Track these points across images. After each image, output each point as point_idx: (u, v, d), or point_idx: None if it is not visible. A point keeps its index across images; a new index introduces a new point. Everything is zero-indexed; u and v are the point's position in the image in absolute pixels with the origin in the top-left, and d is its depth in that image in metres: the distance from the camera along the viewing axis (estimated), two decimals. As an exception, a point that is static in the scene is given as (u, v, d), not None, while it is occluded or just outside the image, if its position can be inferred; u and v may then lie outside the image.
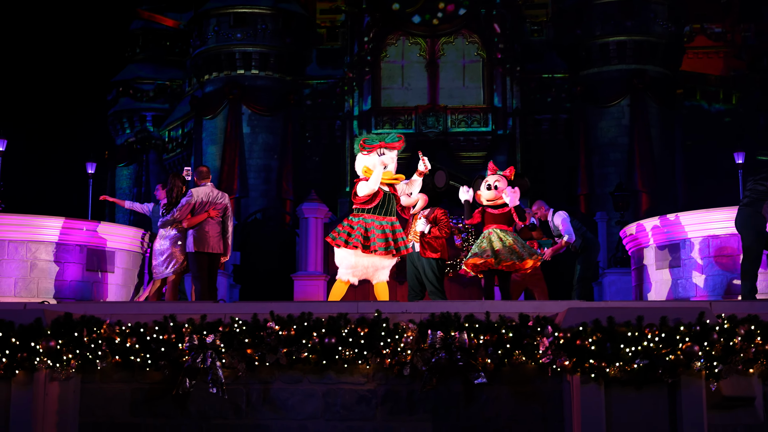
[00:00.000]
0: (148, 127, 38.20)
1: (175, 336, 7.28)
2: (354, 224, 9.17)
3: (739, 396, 6.94)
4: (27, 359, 7.07)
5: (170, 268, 10.86)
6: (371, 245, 9.08)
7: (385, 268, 9.36)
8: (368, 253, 9.10)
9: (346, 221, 9.30)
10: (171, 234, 10.88)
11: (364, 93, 32.81)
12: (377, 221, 9.18)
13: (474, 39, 33.19)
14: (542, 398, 7.24)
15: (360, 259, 9.16)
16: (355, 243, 9.09)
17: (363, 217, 9.19)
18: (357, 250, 9.09)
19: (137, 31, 39.79)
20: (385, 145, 9.42)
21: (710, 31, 37.58)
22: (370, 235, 9.11)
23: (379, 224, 9.17)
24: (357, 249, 9.08)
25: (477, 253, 9.81)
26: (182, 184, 11.10)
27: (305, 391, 7.43)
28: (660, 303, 8.48)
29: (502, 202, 9.95)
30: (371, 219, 9.19)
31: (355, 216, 9.27)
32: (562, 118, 32.99)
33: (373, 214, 9.22)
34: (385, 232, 9.16)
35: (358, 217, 9.22)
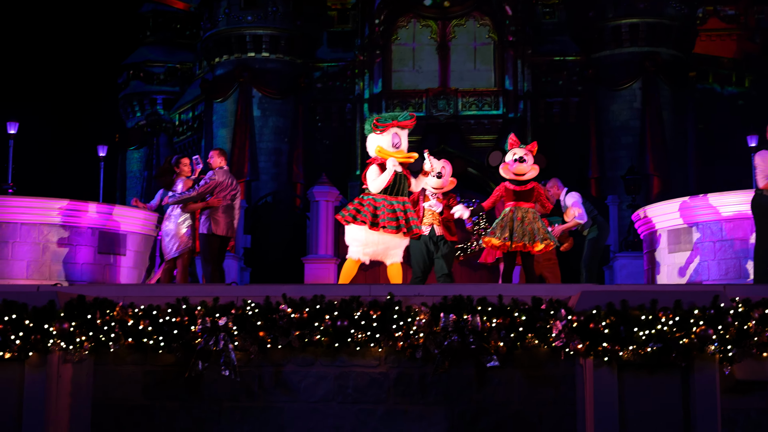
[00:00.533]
0: (158, 110, 38.21)
1: (188, 318, 7.30)
2: (364, 202, 9.23)
3: (752, 380, 6.92)
4: (40, 341, 7.10)
5: (175, 249, 10.90)
6: (380, 222, 9.12)
7: (398, 248, 9.39)
8: (377, 230, 9.14)
9: (357, 200, 9.36)
10: (176, 213, 10.93)
11: (374, 76, 32.72)
12: (387, 200, 9.23)
13: (485, 21, 33.02)
14: (555, 382, 7.23)
15: (370, 235, 9.20)
16: (363, 219, 9.13)
17: (373, 197, 9.24)
18: (365, 227, 9.13)
19: (148, 13, 39.73)
20: (398, 123, 9.45)
21: (723, 13, 37.24)
22: (379, 213, 9.16)
23: (389, 203, 9.21)
24: (365, 225, 9.12)
25: (497, 235, 9.73)
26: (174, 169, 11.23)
27: (317, 373, 7.45)
28: (674, 286, 8.45)
29: (525, 179, 9.89)
30: (381, 198, 9.23)
31: (366, 195, 9.32)
32: (573, 101, 32.82)
33: (384, 194, 9.25)
34: (396, 211, 9.23)
35: (368, 196, 9.26)
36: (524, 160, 9.85)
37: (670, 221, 12.04)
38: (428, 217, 10.04)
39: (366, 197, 9.30)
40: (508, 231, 9.68)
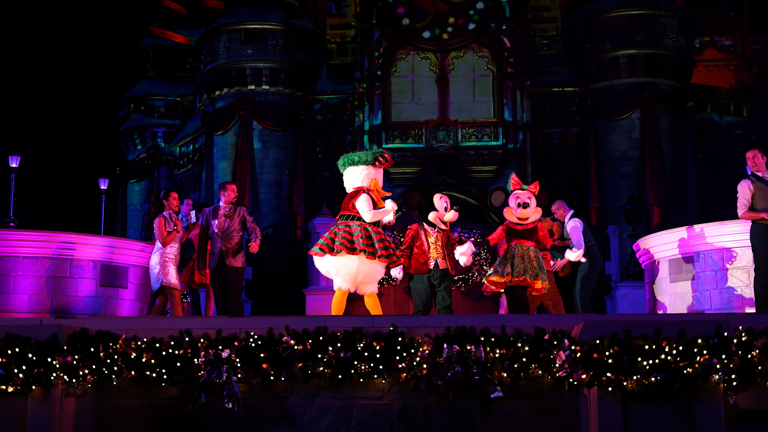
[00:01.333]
0: (159, 143, 38.36)
1: (191, 351, 7.29)
2: (352, 231, 9.22)
3: (757, 409, 6.90)
4: (43, 374, 7.09)
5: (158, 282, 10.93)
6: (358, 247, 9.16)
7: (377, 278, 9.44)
8: (372, 259, 9.15)
9: (338, 230, 9.33)
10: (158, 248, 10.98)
11: (374, 108, 32.88)
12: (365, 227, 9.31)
13: (484, 53, 33.25)
14: (559, 412, 7.20)
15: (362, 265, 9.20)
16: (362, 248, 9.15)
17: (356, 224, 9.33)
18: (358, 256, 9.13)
19: (148, 47, 40.01)
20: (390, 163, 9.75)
21: (720, 44, 37.54)
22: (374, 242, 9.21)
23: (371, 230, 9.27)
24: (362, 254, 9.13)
25: (499, 272, 9.89)
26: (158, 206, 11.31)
27: (321, 405, 7.42)
28: (677, 316, 8.44)
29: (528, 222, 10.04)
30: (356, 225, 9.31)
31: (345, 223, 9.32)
32: (572, 132, 32.96)
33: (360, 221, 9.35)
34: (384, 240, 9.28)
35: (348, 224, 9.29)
36: (528, 205, 10.01)
37: (670, 251, 12.06)
38: (433, 251, 10.11)
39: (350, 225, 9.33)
40: (510, 266, 9.80)
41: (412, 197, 10.44)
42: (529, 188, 10.24)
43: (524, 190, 10.18)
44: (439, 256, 10.10)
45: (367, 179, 9.59)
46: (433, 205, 10.19)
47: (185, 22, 38.66)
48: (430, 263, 10.03)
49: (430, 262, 10.04)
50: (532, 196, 10.11)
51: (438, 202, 10.16)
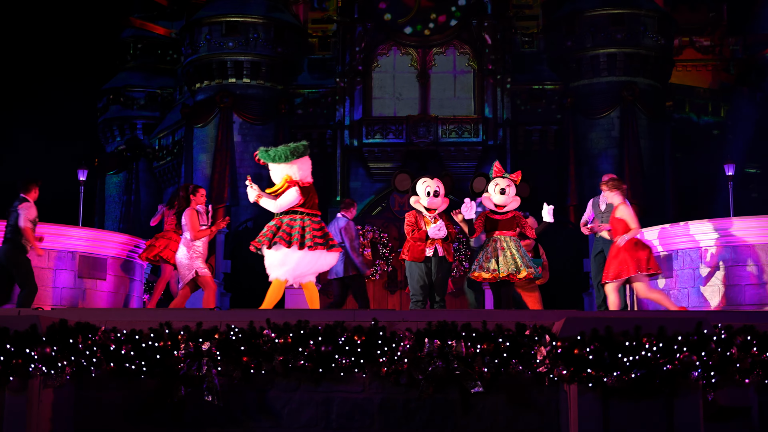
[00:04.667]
0: (138, 135, 38.11)
1: (171, 343, 7.25)
2: (285, 224, 9.16)
3: (735, 406, 6.96)
4: (21, 366, 7.02)
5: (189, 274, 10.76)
6: (304, 242, 9.10)
7: (314, 268, 9.34)
8: (304, 249, 9.10)
9: (281, 223, 9.20)
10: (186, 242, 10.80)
11: (355, 102, 32.85)
12: (312, 219, 9.27)
13: (465, 50, 33.29)
14: (539, 407, 7.23)
15: (305, 256, 9.13)
16: (296, 240, 9.09)
17: (300, 217, 9.21)
18: (298, 249, 9.08)
19: (128, 39, 39.71)
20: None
21: (699, 44, 37.79)
22: (305, 233, 9.17)
23: (306, 221, 9.22)
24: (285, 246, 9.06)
25: (484, 268, 9.75)
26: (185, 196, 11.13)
27: (301, 399, 7.41)
28: (657, 313, 8.50)
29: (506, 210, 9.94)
30: (289, 218, 9.23)
31: (289, 216, 9.23)
32: (552, 129, 33.09)
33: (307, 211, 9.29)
34: (320, 230, 9.25)
35: (293, 217, 9.21)
36: (505, 191, 9.92)
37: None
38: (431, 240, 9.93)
39: (292, 218, 9.22)
40: (495, 262, 9.72)
41: (401, 181, 10.30)
42: (511, 176, 10.16)
43: (505, 177, 10.09)
44: (438, 243, 9.91)
45: (295, 174, 9.44)
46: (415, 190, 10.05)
47: (166, 14, 38.43)
48: (427, 251, 9.85)
49: (428, 249, 9.86)
50: (512, 184, 9.99)
51: (419, 187, 10.01)
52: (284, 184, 9.26)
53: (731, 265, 10.73)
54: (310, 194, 9.35)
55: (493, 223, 9.92)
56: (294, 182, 9.25)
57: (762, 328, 6.98)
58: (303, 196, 9.26)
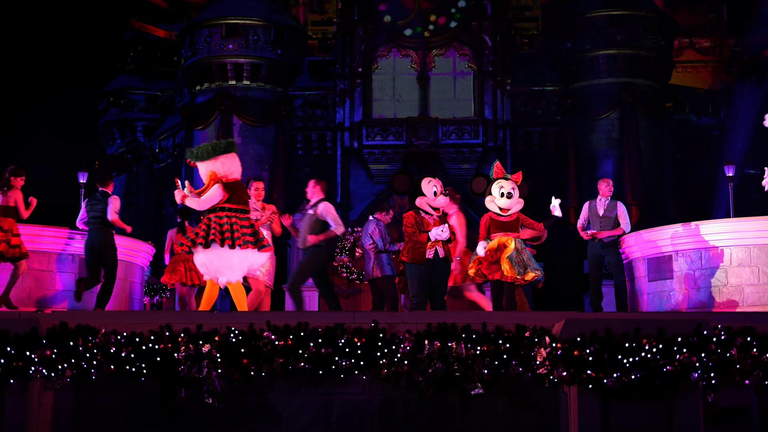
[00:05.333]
0: (138, 138, 38.13)
1: (171, 345, 7.25)
2: (222, 222, 8.98)
3: (735, 407, 6.96)
4: (22, 368, 7.03)
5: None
6: (224, 239, 8.95)
7: (237, 266, 9.11)
8: (223, 247, 8.89)
9: (209, 222, 9.03)
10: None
11: (355, 104, 32.87)
12: (240, 216, 9.11)
13: (465, 52, 33.32)
14: (539, 409, 7.23)
15: (234, 255, 8.96)
16: (211, 239, 8.91)
17: (227, 214, 9.04)
18: (229, 248, 8.90)
19: (129, 41, 39.74)
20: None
21: (698, 45, 37.81)
22: (223, 231, 8.98)
23: (225, 219, 9.04)
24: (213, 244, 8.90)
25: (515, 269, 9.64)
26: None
27: (301, 401, 7.41)
28: (657, 314, 8.50)
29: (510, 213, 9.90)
30: (234, 216, 9.08)
31: (215, 214, 9.05)
32: (552, 131, 33.10)
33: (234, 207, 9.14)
34: (247, 227, 9.09)
35: (219, 215, 9.04)
36: (512, 196, 9.87)
37: (649, 250, 12.14)
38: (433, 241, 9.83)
39: (212, 217, 9.04)
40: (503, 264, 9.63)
41: (399, 182, 10.13)
42: (513, 178, 10.11)
43: (508, 179, 10.04)
44: (438, 244, 9.83)
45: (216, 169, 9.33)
46: (420, 190, 9.89)
47: (166, 17, 38.46)
48: (429, 252, 9.74)
49: (429, 251, 9.75)
50: (516, 187, 9.98)
51: (426, 187, 9.85)
52: (210, 181, 9.15)
53: (731, 266, 10.73)
54: (235, 190, 9.10)
55: (498, 225, 9.86)
56: (217, 178, 9.09)
57: (762, 329, 6.99)
58: (227, 192, 9.02)
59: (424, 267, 9.76)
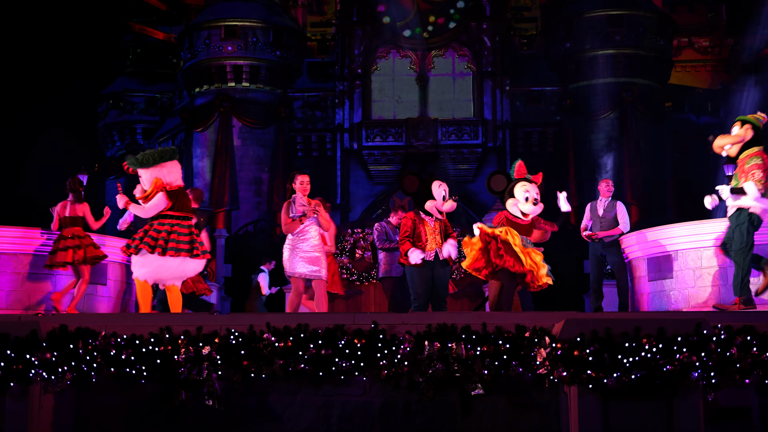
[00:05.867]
0: (138, 140, 38.14)
1: (171, 348, 7.24)
2: (161, 229, 9.12)
3: (735, 406, 6.96)
4: (22, 371, 7.02)
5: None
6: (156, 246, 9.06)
7: (170, 274, 9.23)
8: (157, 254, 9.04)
9: (149, 228, 9.16)
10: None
11: (354, 106, 32.89)
12: (181, 224, 9.21)
13: (464, 52, 33.34)
14: (539, 409, 7.23)
15: (167, 261, 9.08)
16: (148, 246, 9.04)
17: (169, 221, 9.16)
18: (160, 255, 9.00)
19: (128, 43, 39.76)
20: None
21: (698, 45, 37.84)
22: (158, 238, 9.11)
23: (166, 226, 9.15)
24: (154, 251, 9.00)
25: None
26: None
27: (302, 402, 7.41)
28: (657, 314, 8.50)
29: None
30: (175, 223, 9.18)
31: (158, 221, 9.18)
32: (551, 131, 33.12)
33: (177, 215, 9.23)
34: (187, 235, 9.17)
35: (162, 222, 9.16)
36: (537, 203, 9.74)
37: (649, 250, 12.15)
38: (431, 242, 9.76)
39: (154, 224, 9.17)
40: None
41: (409, 183, 9.90)
42: (534, 179, 10.00)
43: (532, 183, 9.91)
44: (438, 246, 9.72)
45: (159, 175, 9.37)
46: (430, 192, 9.76)
47: (165, 19, 38.48)
48: (428, 255, 9.65)
49: (429, 253, 9.66)
50: (539, 193, 9.89)
51: (436, 190, 9.72)
52: (153, 188, 9.19)
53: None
54: (179, 198, 9.22)
55: (514, 227, 9.69)
56: (161, 186, 9.17)
57: (762, 328, 6.99)
58: (171, 200, 9.14)
59: (424, 269, 9.68)
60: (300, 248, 9.94)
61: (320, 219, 10.02)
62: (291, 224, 9.91)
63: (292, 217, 9.91)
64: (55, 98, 38.34)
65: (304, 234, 9.95)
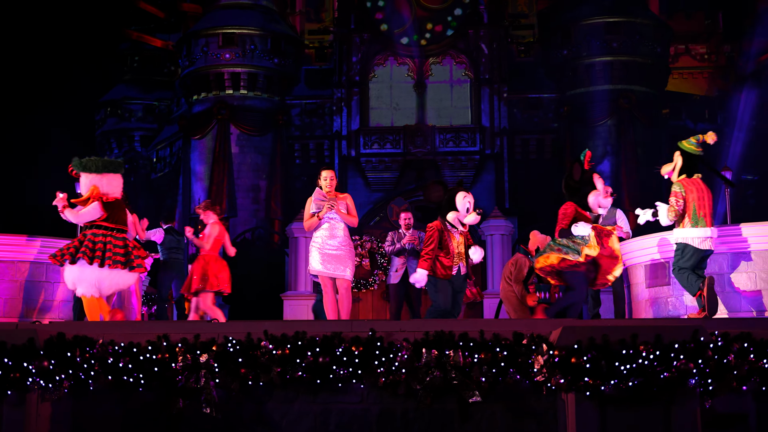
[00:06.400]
0: (136, 147, 38.18)
1: (169, 356, 7.24)
2: (97, 240, 9.17)
3: (733, 413, 6.96)
4: (19, 380, 7.01)
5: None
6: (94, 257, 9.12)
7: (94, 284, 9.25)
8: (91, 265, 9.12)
9: (84, 238, 9.20)
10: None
11: (352, 113, 32.93)
12: (116, 236, 9.27)
13: (462, 59, 33.40)
14: (537, 416, 7.23)
15: (103, 273, 9.14)
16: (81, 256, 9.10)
17: (103, 233, 9.22)
18: (99, 266, 9.06)
19: (126, 51, 39.82)
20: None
21: (695, 52, 37.94)
22: (95, 248, 9.17)
23: (99, 237, 9.21)
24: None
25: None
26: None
27: (299, 410, 7.40)
28: (654, 321, 8.51)
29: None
30: (110, 235, 9.24)
31: (92, 231, 9.22)
32: (549, 138, 33.19)
33: (111, 226, 9.28)
34: (122, 247, 9.25)
35: (95, 233, 9.21)
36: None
37: (647, 256, 12.14)
38: (457, 257, 9.67)
39: (87, 234, 9.22)
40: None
41: (434, 192, 9.68)
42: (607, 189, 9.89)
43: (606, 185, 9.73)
44: (461, 260, 9.62)
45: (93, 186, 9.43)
46: (454, 204, 9.60)
47: (163, 27, 38.55)
48: (454, 268, 9.51)
49: (454, 267, 9.51)
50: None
51: (461, 202, 9.57)
52: (89, 196, 9.25)
53: (728, 272, 10.73)
54: (114, 210, 9.30)
55: (581, 220, 9.26)
56: (98, 195, 9.23)
57: (759, 335, 6.99)
58: (106, 212, 9.22)
59: (452, 281, 9.54)
60: (323, 246, 9.46)
61: (339, 213, 9.48)
62: (309, 221, 9.50)
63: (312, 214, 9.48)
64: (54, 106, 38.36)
65: (328, 231, 9.46)
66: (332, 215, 9.43)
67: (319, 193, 9.48)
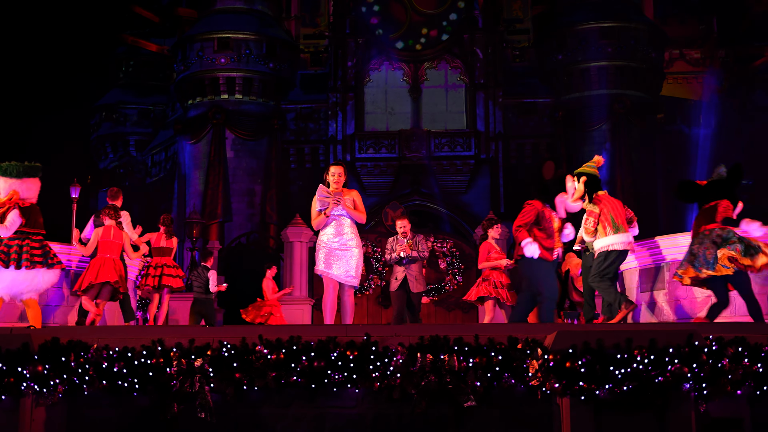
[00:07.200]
0: (131, 152, 38.14)
1: (163, 360, 7.23)
2: (12, 244, 9.28)
3: (727, 417, 6.97)
4: (14, 384, 7.00)
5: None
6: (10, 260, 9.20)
7: (19, 287, 9.34)
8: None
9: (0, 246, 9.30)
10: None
11: (347, 117, 32.94)
12: (33, 238, 9.40)
13: (457, 64, 33.44)
14: (532, 421, 7.23)
15: (19, 274, 9.23)
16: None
17: (20, 236, 9.34)
18: (15, 268, 9.15)
19: (121, 55, 39.79)
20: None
21: (689, 56, 38.02)
22: (11, 252, 9.26)
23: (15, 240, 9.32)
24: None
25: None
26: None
27: (294, 415, 7.39)
28: (648, 325, 8.52)
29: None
30: (27, 238, 9.37)
31: (9, 237, 9.34)
32: (544, 142, 33.22)
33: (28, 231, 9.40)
34: (44, 247, 9.41)
35: (11, 237, 9.33)
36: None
37: (641, 261, 12.16)
38: (558, 240, 9.59)
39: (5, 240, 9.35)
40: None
41: (547, 168, 9.37)
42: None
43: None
44: (560, 247, 9.26)
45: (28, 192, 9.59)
46: (563, 185, 9.31)
47: (158, 31, 38.54)
48: (555, 251, 9.15)
49: (555, 250, 9.16)
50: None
51: (570, 185, 9.29)
52: (7, 201, 9.38)
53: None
54: (31, 215, 9.47)
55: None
56: (15, 201, 9.38)
57: (753, 339, 7.01)
58: (24, 218, 9.39)
59: (553, 264, 9.26)
60: (329, 243, 9.21)
61: (345, 207, 9.18)
62: (317, 219, 9.25)
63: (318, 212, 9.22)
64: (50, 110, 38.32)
65: (334, 228, 9.19)
66: (339, 211, 9.19)
67: (323, 189, 9.27)
